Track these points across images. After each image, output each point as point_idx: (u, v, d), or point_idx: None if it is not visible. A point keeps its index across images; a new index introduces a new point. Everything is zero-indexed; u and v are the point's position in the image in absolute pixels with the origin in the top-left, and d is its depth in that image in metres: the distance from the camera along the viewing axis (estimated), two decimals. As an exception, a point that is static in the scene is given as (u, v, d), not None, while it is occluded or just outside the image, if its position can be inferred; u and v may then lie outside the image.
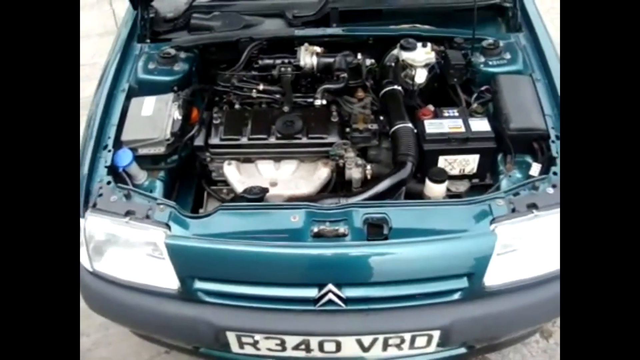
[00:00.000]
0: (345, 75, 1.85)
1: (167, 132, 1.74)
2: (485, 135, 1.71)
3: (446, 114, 1.78)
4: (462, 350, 1.75)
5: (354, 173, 1.76)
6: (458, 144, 1.71)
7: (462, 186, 1.80)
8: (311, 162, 1.81)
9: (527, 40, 1.95)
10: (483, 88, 1.85)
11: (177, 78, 1.89)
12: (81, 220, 1.53)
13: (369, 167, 1.76)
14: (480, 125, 1.74)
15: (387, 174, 1.65)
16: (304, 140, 1.77)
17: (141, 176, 1.75)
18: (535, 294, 1.54)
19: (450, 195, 1.75)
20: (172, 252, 1.47)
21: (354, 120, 1.80)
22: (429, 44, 1.87)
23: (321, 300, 1.47)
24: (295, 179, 1.76)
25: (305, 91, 1.96)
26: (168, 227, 1.49)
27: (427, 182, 1.64)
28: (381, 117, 1.82)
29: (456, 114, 1.78)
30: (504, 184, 1.67)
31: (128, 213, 1.51)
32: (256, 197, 1.61)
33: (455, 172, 1.76)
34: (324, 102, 1.84)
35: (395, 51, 1.95)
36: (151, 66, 1.91)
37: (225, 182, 1.86)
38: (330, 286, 1.46)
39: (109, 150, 1.67)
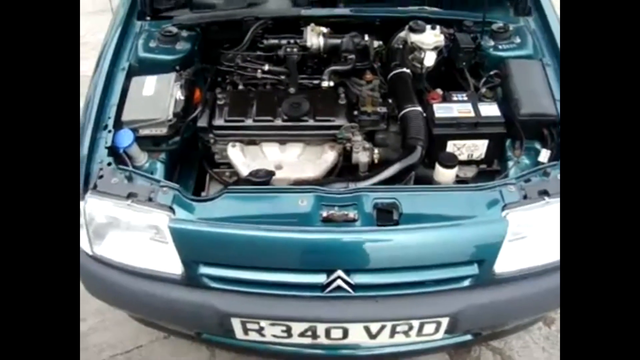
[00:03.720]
0: (352, 56, 1.80)
1: (169, 112, 1.69)
2: (495, 120, 1.68)
3: (455, 98, 1.75)
4: (468, 337, 1.73)
5: (361, 157, 1.73)
6: (468, 129, 1.68)
7: (469, 172, 1.77)
8: (317, 146, 1.77)
9: (536, 25, 1.92)
10: (492, 72, 1.81)
11: (179, 57, 1.83)
12: (81, 202, 1.48)
13: (376, 151, 1.73)
14: (490, 110, 1.71)
15: (396, 158, 1.62)
16: (311, 122, 1.73)
17: (142, 158, 1.70)
18: (544, 282, 1.52)
19: (458, 180, 1.72)
20: (176, 236, 1.43)
21: (362, 103, 1.76)
22: (437, 27, 1.82)
23: (329, 286, 1.44)
24: (301, 163, 1.72)
25: (311, 72, 1.91)
26: (172, 210, 1.44)
27: (438, 167, 1.61)
28: (389, 100, 1.78)
29: (465, 98, 1.75)
30: (513, 170, 1.65)
31: (130, 195, 1.46)
32: (262, 180, 1.56)
33: (463, 157, 1.73)
34: (331, 83, 1.79)
35: (402, 33, 1.90)
36: (152, 44, 1.85)
37: (229, 165, 1.81)
38: (339, 272, 1.43)
39: (109, 131, 1.62)
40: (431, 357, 2.02)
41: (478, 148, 1.72)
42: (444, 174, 1.61)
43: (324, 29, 1.88)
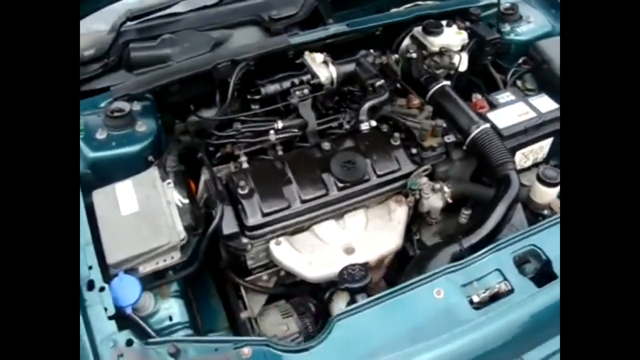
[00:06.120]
0: (382, 81, 1.39)
1: (178, 229, 1.14)
2: (558, 114, 1.45)
3: (502, 100, 1.49)
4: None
5: (433, 202, 1.36)
6: (534, 132, 1.43)
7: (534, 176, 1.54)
8: (379, 205, 1.35)
9: None
10: (521, 60, 1.58)
11: (149, 143, 1.26)
12: None
13: (446, 189, 1.38)
14: (546, 104, 1.48)
15: (495, 196, 1.27)
16: (374, 180, 1.30)
17: (149, 303, 1.14)
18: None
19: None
20: (295, 410, 0.95)
21: (422, 137, 1.36)
22: (453, 24, 1.52)
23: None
24: (373, 234, 1.30)
25: (320, 116, 1.45)
26: None
27: (539, 186, 1.34)
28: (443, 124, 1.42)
29: (512, 97, 1.50)
30: None
31: (194, 379, 0.93)
32: (364, 283, 1.12)
33: (528, 163, 1.50)
34: (373, 123, 1.38)
35: (406, 41, 1.56)
36: (101, 136, 1.24)
37: (265, 266, 1.31)
38: (520, 360, 1.09)
39: (101, 289, 1.03)
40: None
41: (543, 149, 1.49)
42: (547, 193, 1.35)
43: (322, 55, 1.45)
